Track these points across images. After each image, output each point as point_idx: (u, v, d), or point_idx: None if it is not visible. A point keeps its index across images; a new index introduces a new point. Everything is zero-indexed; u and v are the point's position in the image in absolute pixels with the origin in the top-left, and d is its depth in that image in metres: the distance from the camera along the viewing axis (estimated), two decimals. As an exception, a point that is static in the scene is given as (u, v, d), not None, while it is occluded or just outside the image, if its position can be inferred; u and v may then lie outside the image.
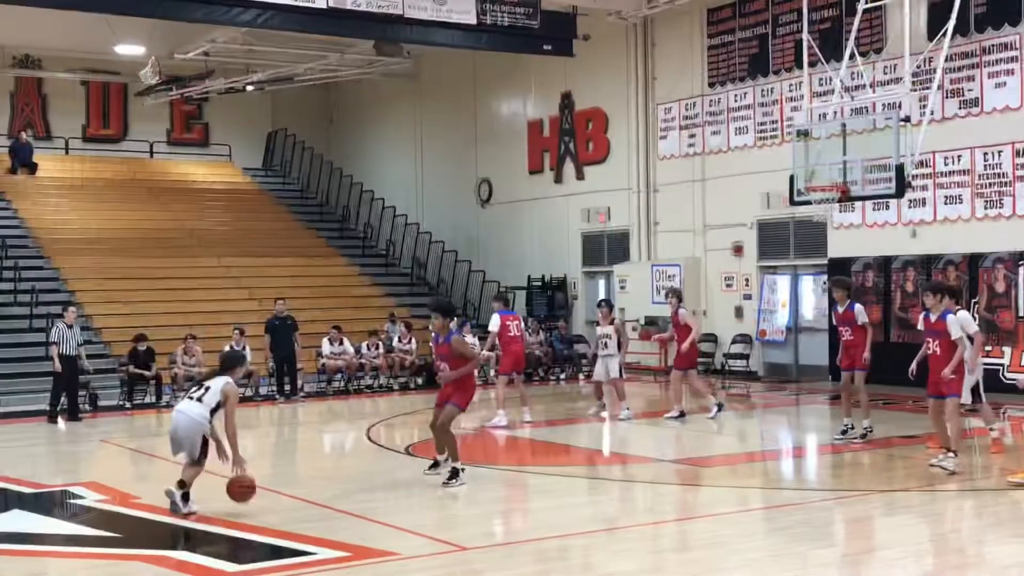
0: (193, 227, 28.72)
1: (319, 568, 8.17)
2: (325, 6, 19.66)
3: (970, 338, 11.80)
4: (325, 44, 27.00)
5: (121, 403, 19.70)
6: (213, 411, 9.86)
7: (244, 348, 20.63)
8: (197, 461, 9.95)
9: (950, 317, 11.44)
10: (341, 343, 21.62)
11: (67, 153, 32.45)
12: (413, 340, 22.62)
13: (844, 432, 13.50)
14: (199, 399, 9.87)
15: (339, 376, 21.64)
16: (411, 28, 21.19)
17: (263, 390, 20.78)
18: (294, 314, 21.15)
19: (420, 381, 22.35)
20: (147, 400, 19.91)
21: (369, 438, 15.31)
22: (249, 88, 30.18)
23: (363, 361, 21.89)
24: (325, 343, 21.53)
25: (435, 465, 11.53)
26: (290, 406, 19.62)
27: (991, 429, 12.79)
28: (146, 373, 19.88)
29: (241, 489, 9.86)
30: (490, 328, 16.68)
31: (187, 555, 8.61)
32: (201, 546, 8.92)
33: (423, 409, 18.52)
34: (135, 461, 14.34)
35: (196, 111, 34.47)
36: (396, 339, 22.77)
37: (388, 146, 33.41)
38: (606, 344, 16.51)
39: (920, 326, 11.89)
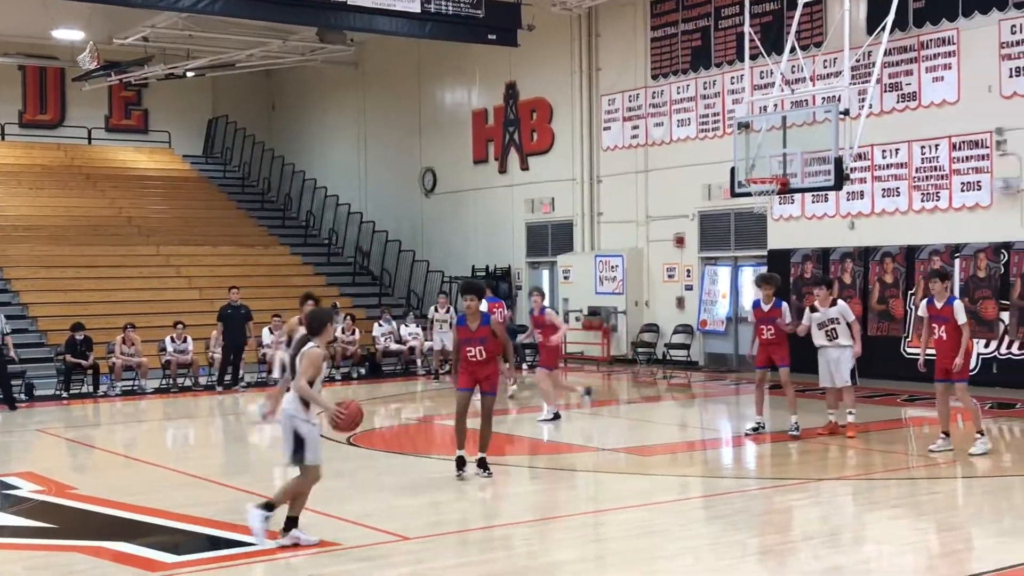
0: (132, 215, 28.37)
1: (259, 558, 8.12)
2: (267, -8, 19.50)
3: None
4: (267, 30, 26.75)
5: (58, 393, 19.45)
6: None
7: (185, 340, 20.51)
8: (300, 471, 8.39)
9: (956, 303, 11.79)
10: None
11: (3, 139, 31.92)
12: (356, 331, 22.53)
13: (755, 430, 13.56)
14: (289, 387, 8.46)
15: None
16: (354, 16, 21.06)
17: (203, 380, 20.59)
18: (235, 304, 20.99)
19: (363, 371, 22.28)
20: (84, 390, 19.67)
21: (311, 428, 15.20)
22: (189, 74, 29.83)
23: (305, 351, 21.71)
24: (266, 332, 21.35)
25: (483, 465, 10.86)
26: (230, 396, 19.45)
27: (850, 413, 13.10)
28: (83, 363, 19.61)
29: (349, 420, 8.67)
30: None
31: (125, 546, 8.52)
32: (139, 537, 8.82)
33: (365, 399, 18.47)
34: (72, 451, 14.15)
35: (135, 97, 34.05)
36: (339, 329, 22.64)
37: (331, 134, 33.21)
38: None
39: (922, 313, 12.09)
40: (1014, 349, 17.30)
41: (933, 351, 11.89)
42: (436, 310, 21.59)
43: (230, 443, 15.44)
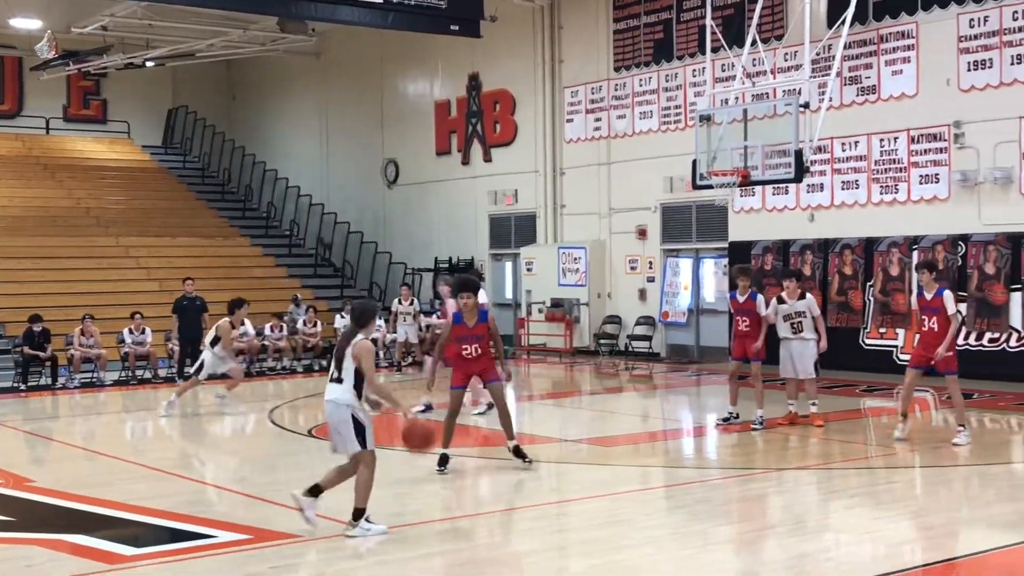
0: (90, 206, 28.09)
1: (219, 551, 8.08)
2: (227, -19, 19.34)
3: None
4: (227, 20, 26.55)
5: (15, 385, 19.26)
6: (357, 385, 8.33)
7: (144, 332, 20.33)
8: (358, 460, 8.36)
9: (946, 293, 11.91)
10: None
11: (-41, 128, 31.50)
12: (318, 323, 22.44)
13: (727, 420, 13.63)
14: (337, 379, 8.38)
15: (241, 358, 21.34)
16: (315, 5, 20.95)
17: (162, 372, 20.45)
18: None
19: (324, 363, 22.16)
20: (42, 382, 19.49)
21: (272, 420, 15.16)
22: (149, 64, 29.52)
23: (266, 343, 21.63)
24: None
25: (519, 453, 10.80)
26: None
27: (812, 404, 13.26)
28: (41, 354, 19.42)
29: (422, 436, 8.79)
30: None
31: (84, 539, 8.43)
32: (98, 530, 8.75)
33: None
34: (30, 444, 14.01)
35: (94, 87, 33.68)
36: (300, 321, 22.56)
37: (292, 125, 33.02)
38: None
39: (914, 305, 12.20)
40: (971, 340, 17.50)
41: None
42: (400, 302, 21.53)
43: (189, 435, 15.33)
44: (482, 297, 13.33)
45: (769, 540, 8.34)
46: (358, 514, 8.27)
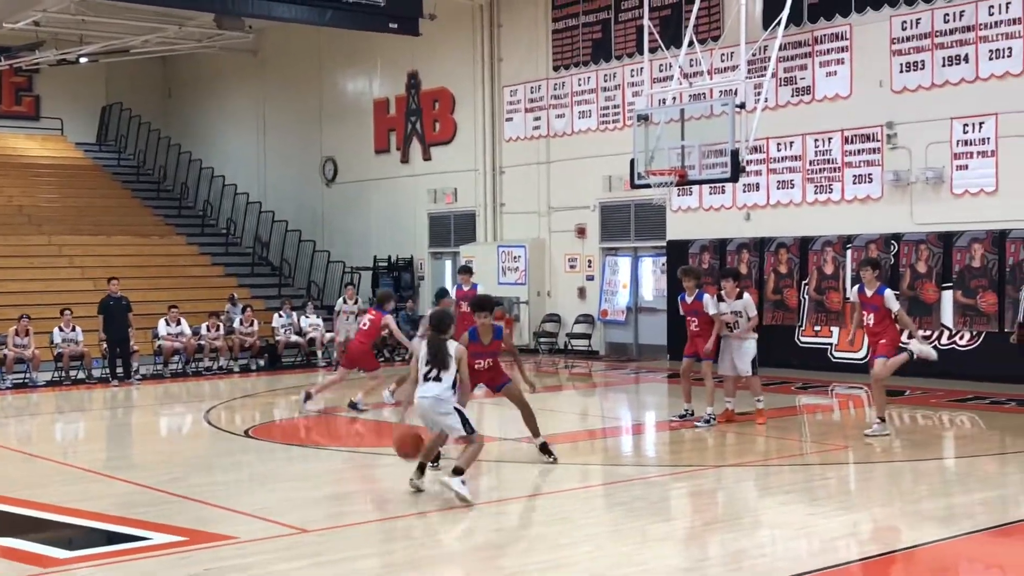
0: (22, 203, 27.62)
1: (154, 553, 7.98)
2: (163, -23, 19.08)
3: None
4: (163, 16, 26.23)
5: (-56, 387, 18.87)
6: (453, 384, 9.55)
7: (75, 330, 20.03)
8: (470, 440, 9.49)
9: (887, 292, 12.05)
10: (178, 323, 21.11)
11: None
12: (255, 322, 22.25)
13: (683, 416, 13.72)
14: (436, 378, 9.40)
15: (177, 358, 21.13)
16: (252, 2, 20.81)
17: (96, 372, 20.15)
18: (131, 294, 20.55)
19: (262, 363, 22.02)
20: (-28, 384, 19.11)
21: (208, 421, 15.00)
22: (82, 60, 29.08)
23: (202, 343, 21.41)
24: (161, 324, 20.98)
25: (546, 450, 11.02)
26: (124, 389, 19.06)
27: (758, 400, 13.42)
28: (-29, 355, 19.05)
29: (414, 444, 9.66)
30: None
31: (15, 542, 8.29)
32: (31, 532, 8.60)
33: (264, 391, 18.27)
34: (-41, 447, 13.72)
35: (26, 83, 33.11)
36: (237, 321, 22.35)
37: (229, 122, 32.70)
38: None
39: (854, 299, 12.34)
40: (903, 338, 17.75)
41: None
42: (344, 301, 21.22)
43: (123, 436, 15.13)
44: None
45: (706, 536, 8.42)
46: (459, 471, 9.18)
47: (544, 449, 11.02)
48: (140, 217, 28.96)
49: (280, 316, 22.81)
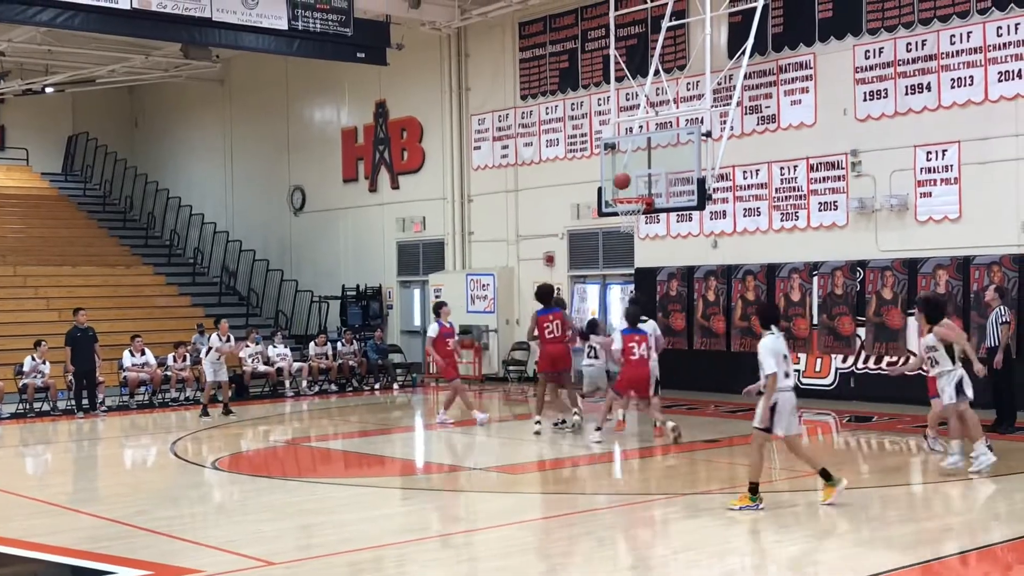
0: (-13, 234, 27.38)
1: (120, 588, 7.89)
2: (129, 7, 19.00)
3: None
4: (129, 46, 26.17)
5: (-94, 420, 18.61)
6: None
7: (44, 363, 19.83)
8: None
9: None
10: (143, 354, 20.93)
11: None
12: (222, 351, 22.05)
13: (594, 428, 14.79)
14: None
15: (143, 389, 20.96)
16: (220, 32, 20.69)
17: (61, 404, 19.94)
18: (97, 325, 20.35)
19: (230, 393, 21.81)
20: (-65, 417, 18.86)
21: (174, 453, 14.88)
22: (48, 90, 28.97)
23: (168, 373, 21.24)
24: (126, 355, 20.80)
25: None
26: (90, 421, 18.87)
27: (657, 423, 14.76)
28: (-66, 388, 18.82)
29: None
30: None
31: (-24, 579, 8.20)
32: (-8, 569, 8.50)
33: (231, 422, 18.14)
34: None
35: (-9, 112, 32.91)
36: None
37: (196, 152, 32.60)
38: None
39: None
40: (870, 364, 17.91)
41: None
42: (219, 338, 19.24)
43: (89, 469, 14.98)
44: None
45: (674, 565, 8.41)
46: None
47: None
48: (106, 247, 28.78)
49: (248, 346, 22.65)
